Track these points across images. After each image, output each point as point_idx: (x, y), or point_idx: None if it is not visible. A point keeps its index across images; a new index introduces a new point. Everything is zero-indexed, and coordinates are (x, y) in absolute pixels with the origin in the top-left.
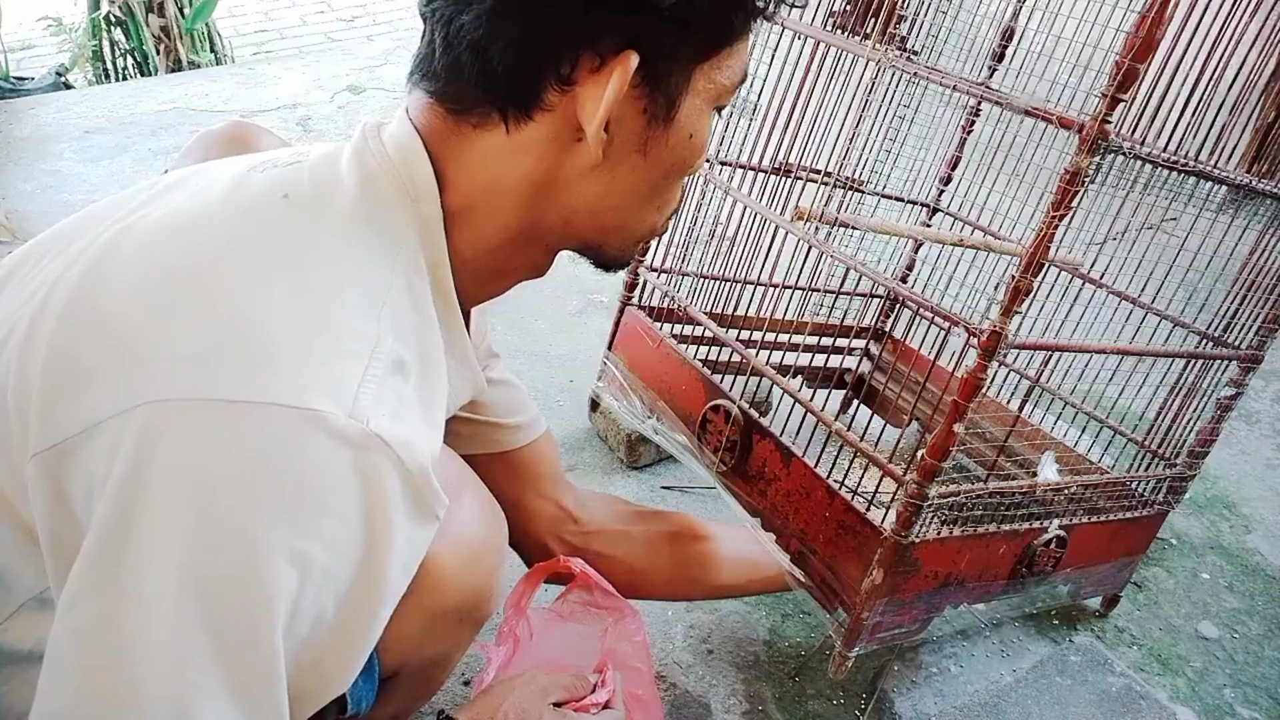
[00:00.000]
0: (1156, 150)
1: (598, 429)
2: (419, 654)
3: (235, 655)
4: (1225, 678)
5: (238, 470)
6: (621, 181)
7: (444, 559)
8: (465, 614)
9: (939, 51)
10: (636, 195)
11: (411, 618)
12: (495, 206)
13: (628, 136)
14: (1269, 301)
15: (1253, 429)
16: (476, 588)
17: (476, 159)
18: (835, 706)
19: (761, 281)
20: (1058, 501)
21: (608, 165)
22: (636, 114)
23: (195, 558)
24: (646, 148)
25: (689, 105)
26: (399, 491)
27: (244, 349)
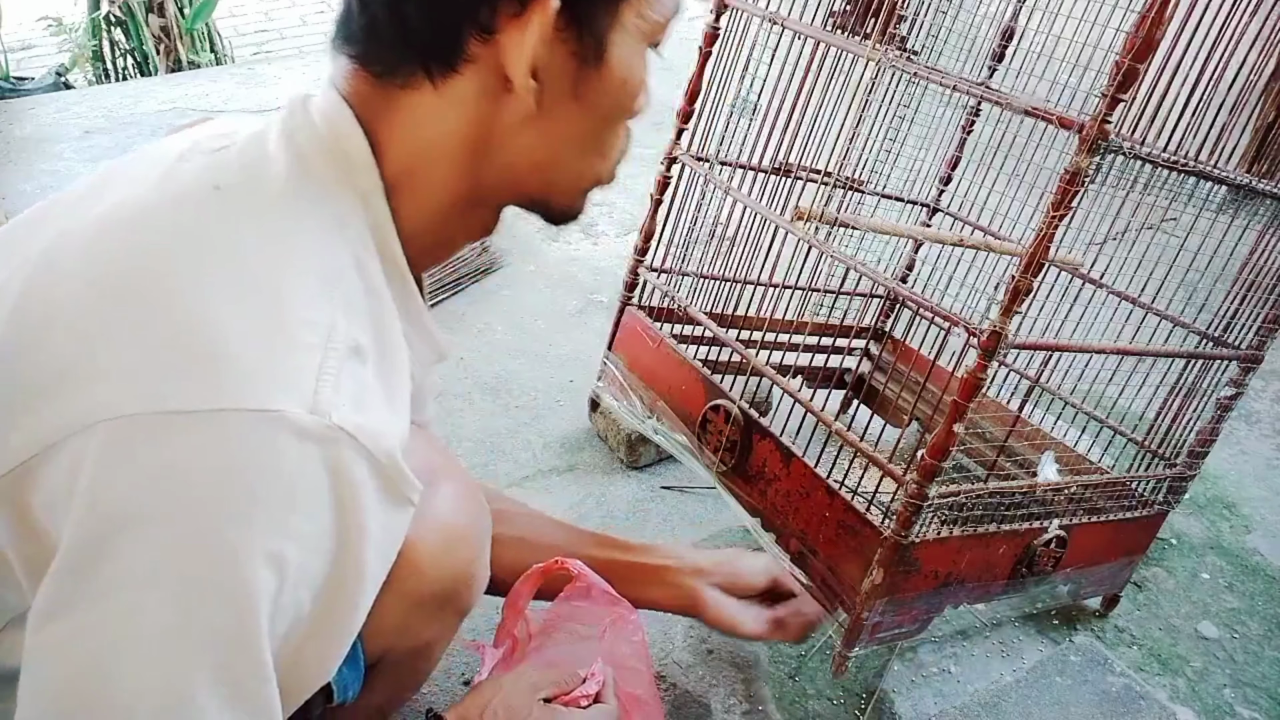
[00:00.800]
0: (1156, 150)
1: (598, 429)
2: (401, 641)
3: (223, 661)
4: (1225, 678)
5: (206, 481)
6: (559, 130)
7: (423, 545)
8: (446, 600)
9: (939, 51)
10: (577, 143)
11: (391, 604)
12: (434, 169)
13: (559, 82)
14: (1269, 301)
15: (1253, 429)
16: (457, 574)
17: (409, 122)
18: (835, 706)
19: (761, 281)
20: (1058, 501)
21: (542, 114)
22: (566, 57)
23: (173, 570)
24: (580, 92)
25: (620, 44)
26: (369, 481)
27: (196, 355)
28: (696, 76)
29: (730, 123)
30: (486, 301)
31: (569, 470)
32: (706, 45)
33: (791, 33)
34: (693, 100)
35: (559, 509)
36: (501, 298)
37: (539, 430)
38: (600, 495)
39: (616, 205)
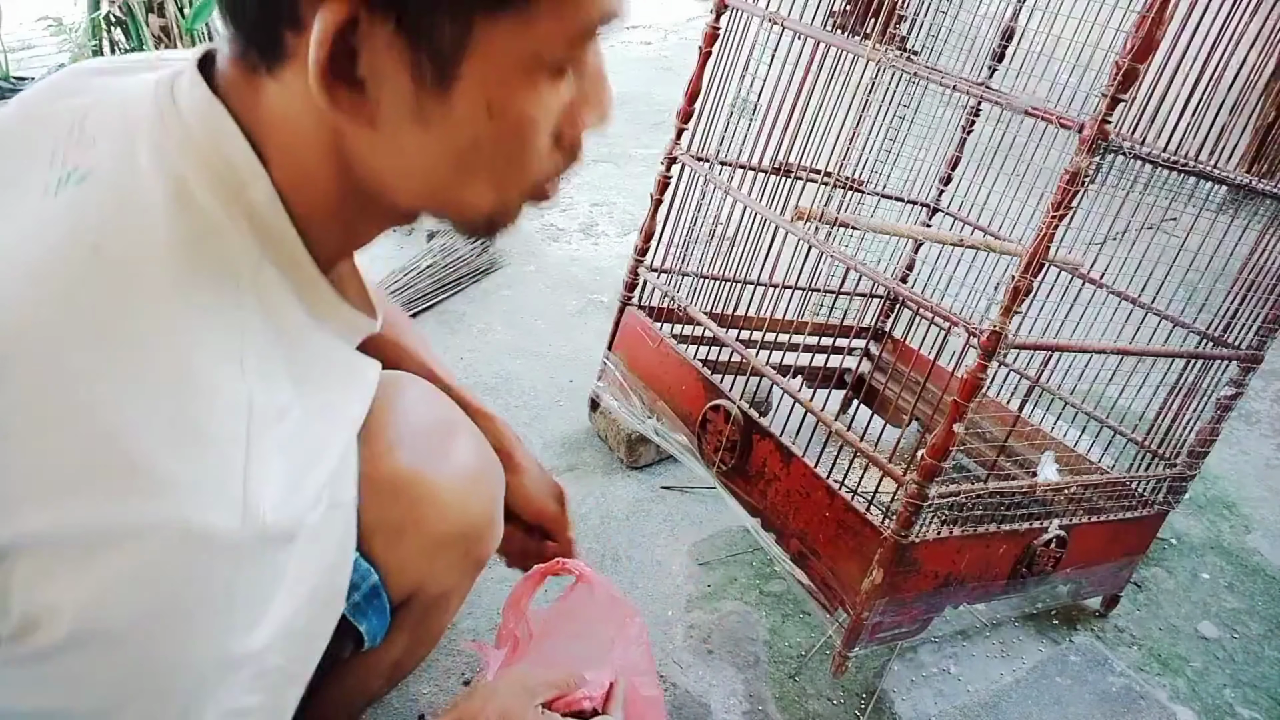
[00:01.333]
0: (1156, 150)
1: (598, 429)
2: (422, 585)
3: None
4: (1225, 678)
5: (142, 611)
6: (410, 152)
7: (443, 484)
8: (465, 544)
9: (939, 51)
10: (439, 169)
11: (413, 542)
12: (310, 167)
13: (394, 100)
14: (1269, 301)
15: (1253, 429)
16: (475, 518)
17: (270, 112)
18: (835, 706)
19: (761, 281)
20: (1058, 501)
21: (384, 132)
22: (399, 72)
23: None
24: (423, 115)
25: (479, 70)
26: (298, 545)
27: (110, 468)
28: (696, 76)
29: (730, 123)
30: (486, 301)
31: (569, 470)
32: (706, 45)
33: (791, 33)
34: (693, 100)
35: None
36: (501, 298)
37: (539, 430)
38: (600, 495)
39: (616, 205)
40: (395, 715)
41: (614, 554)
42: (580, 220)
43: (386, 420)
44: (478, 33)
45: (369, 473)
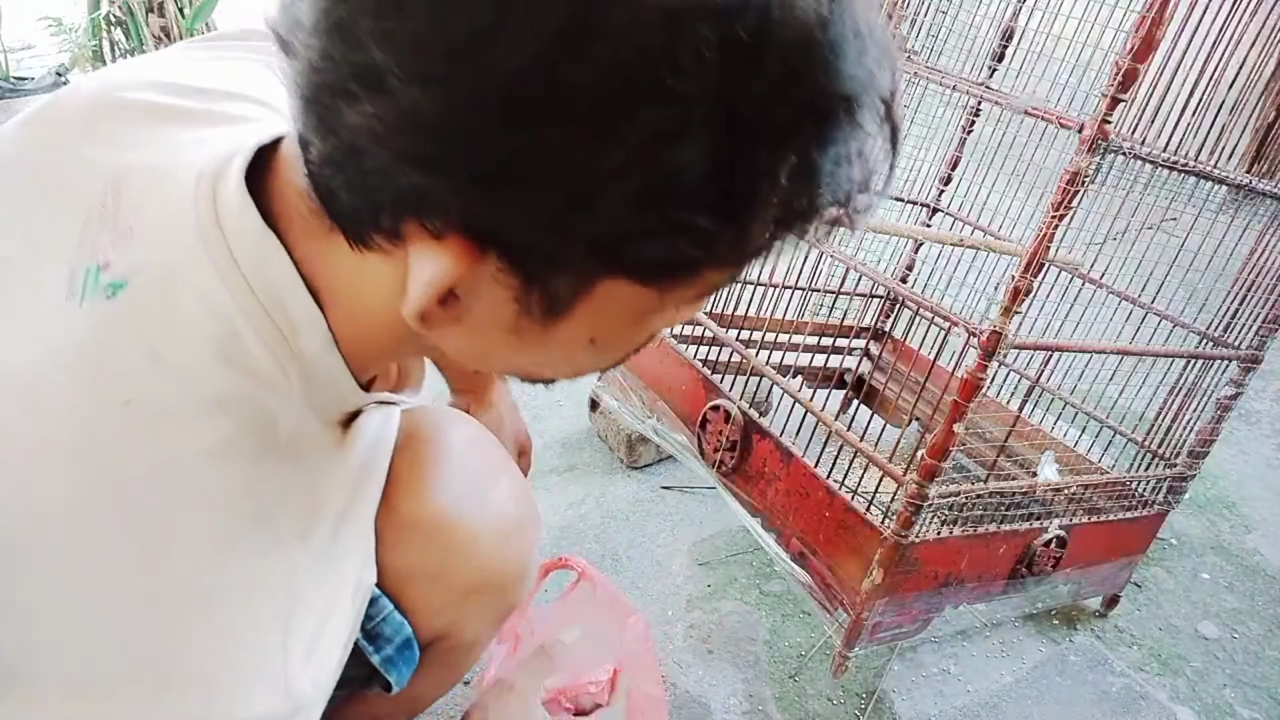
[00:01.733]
0: (1156, 150)
1: (598, 429)
2: (450, 630)
3: None
4: (1225, 678)
5: None
6: (492, 348)
7: (481, 532)
8: (499, 592)
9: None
10: (517, 365)
11: (446, 589)
12: (376, 323)
13: (489, 314)
14: (1269, 301)
15: (1253, 429)
16: (511, 564)
17: (345, 272)
18: (835, 706)
19: (761, 281)
20: (1058, 501)
21: (469, 331)
22: (503, 299)
23: None
24: (518, 333)
25: (591, 311)
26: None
27: (155, 669)
28: None
29: None
30: None
31: (569, 470)
32: None
33: None
34: None
35: (559, 509)
36: None
37: (539, 430)
38: (600, 495)
39: None
40: None
41: (614, 554)
42: None
43: (428, 463)
44: (599, 288)
45: (407, 514)
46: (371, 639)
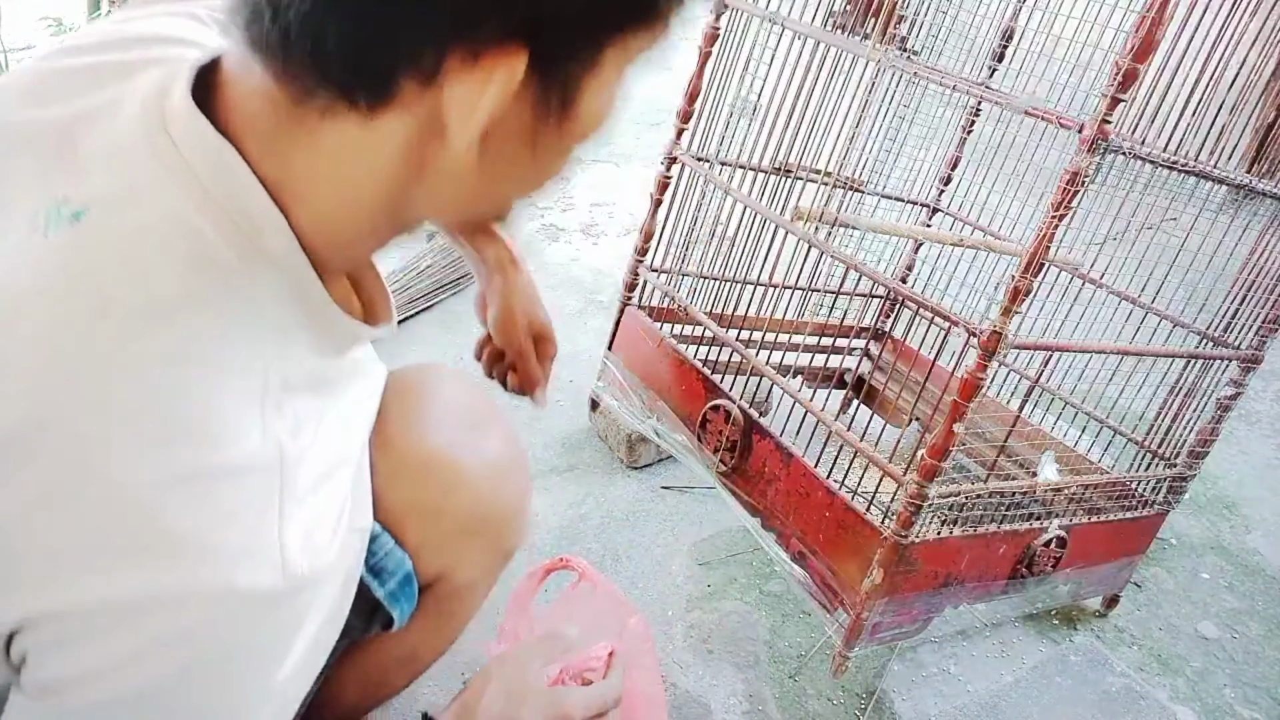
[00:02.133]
0: (1156, 150)
1: (598, 429)
2: (449, 570)
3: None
4: (1225, 678)
5: (183, 666)
6: (500, 173)
7: (477, 470)
8: (496, 531)
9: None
10: (516, 182)
11: (445, 525)
12: (351, 212)
13: (511, 133)
14: (1269, 301)
15: (1253, 429)
16: (507, 503)
17: (328, 157)
18: (835, 706)
19: (761, 281)
20: (1058, 501)
21: (485, 162)
22: (523, 111)
23: None
24: (535, 142)
25: (594, 89)
26: (332, 590)
27: (145, 542)
28: (696, 76)
29: (730, 123)
30: None
31: (569, 470)
32: (706, 45)
33: (791, 33)
34: (693, 100)
35: (559, 509)
36: None
37: (539, 430)
38: (600, 495)
39: (617, 205)
40: (396, 715)
41: (614, 554)
42: (580, 220)
43: (424, 406)
44: (605, 56)
45: (404, 455)
46: (376, 574)
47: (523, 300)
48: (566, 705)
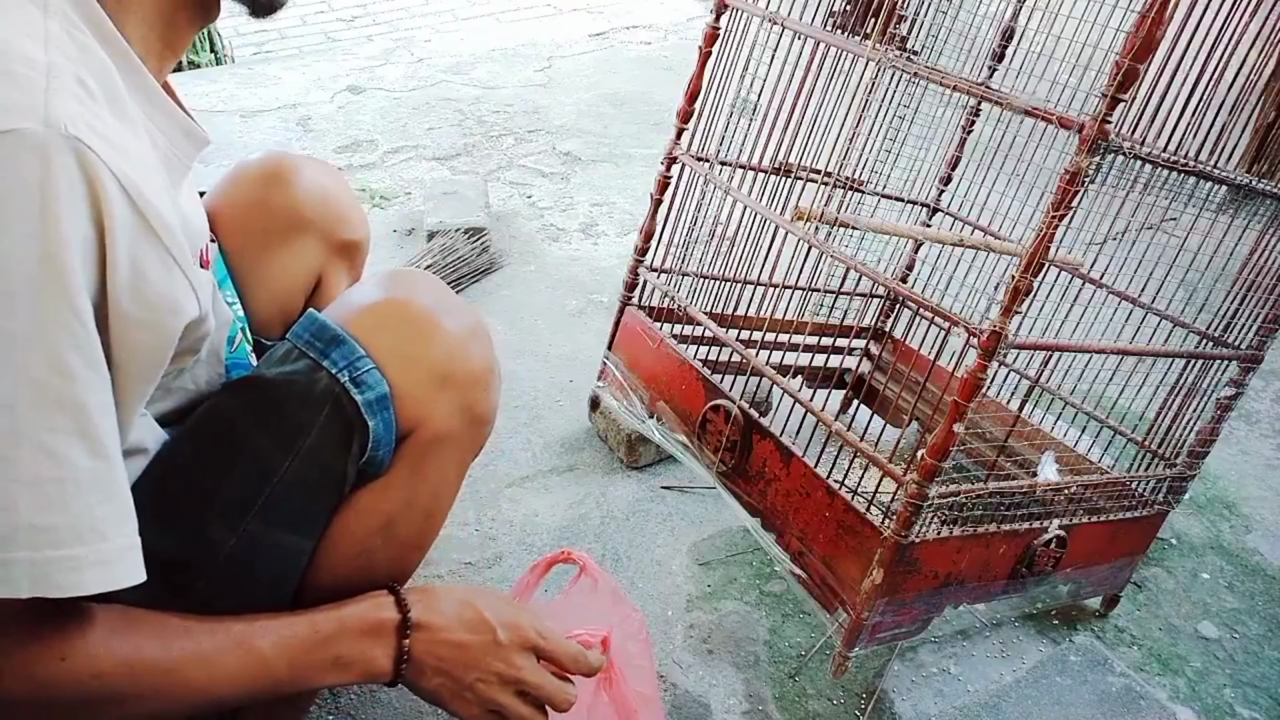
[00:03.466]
0: (1156, 150)
1: (598, 429)
2: (423, 419)
3: (20, 364)
4: (1225, 678)
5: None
6: None
7: (451, 327)
8: (467, 385)
9: (939, 51)
10: None
11: (421, 371)
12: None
13: None
14: (1269, 301)
15: (1253, 429)
16: (477, 360)
17: None
18: (835, 706)
19: (761, 281)
20: (1058, 501)
21: None
22: None
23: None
24: None
25: None
26: (117, 198)
27: None
28: (696, 76)
29: (730, 123)
30: (486, 301)
31: (569, 470)
32: (706, 45)
33: (791, 33)
34: (693, 100)
35: (559, 509)
36: (501, 298)
37: (539, 430)
38: (600, 495)
39: (616, 205)
40: (396, 714)
41: (614, 554)
42: (580, 220)
43: (408, 279)
44: None
45: (389, 309)
46: (357, 385)
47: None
48: (522, 615)
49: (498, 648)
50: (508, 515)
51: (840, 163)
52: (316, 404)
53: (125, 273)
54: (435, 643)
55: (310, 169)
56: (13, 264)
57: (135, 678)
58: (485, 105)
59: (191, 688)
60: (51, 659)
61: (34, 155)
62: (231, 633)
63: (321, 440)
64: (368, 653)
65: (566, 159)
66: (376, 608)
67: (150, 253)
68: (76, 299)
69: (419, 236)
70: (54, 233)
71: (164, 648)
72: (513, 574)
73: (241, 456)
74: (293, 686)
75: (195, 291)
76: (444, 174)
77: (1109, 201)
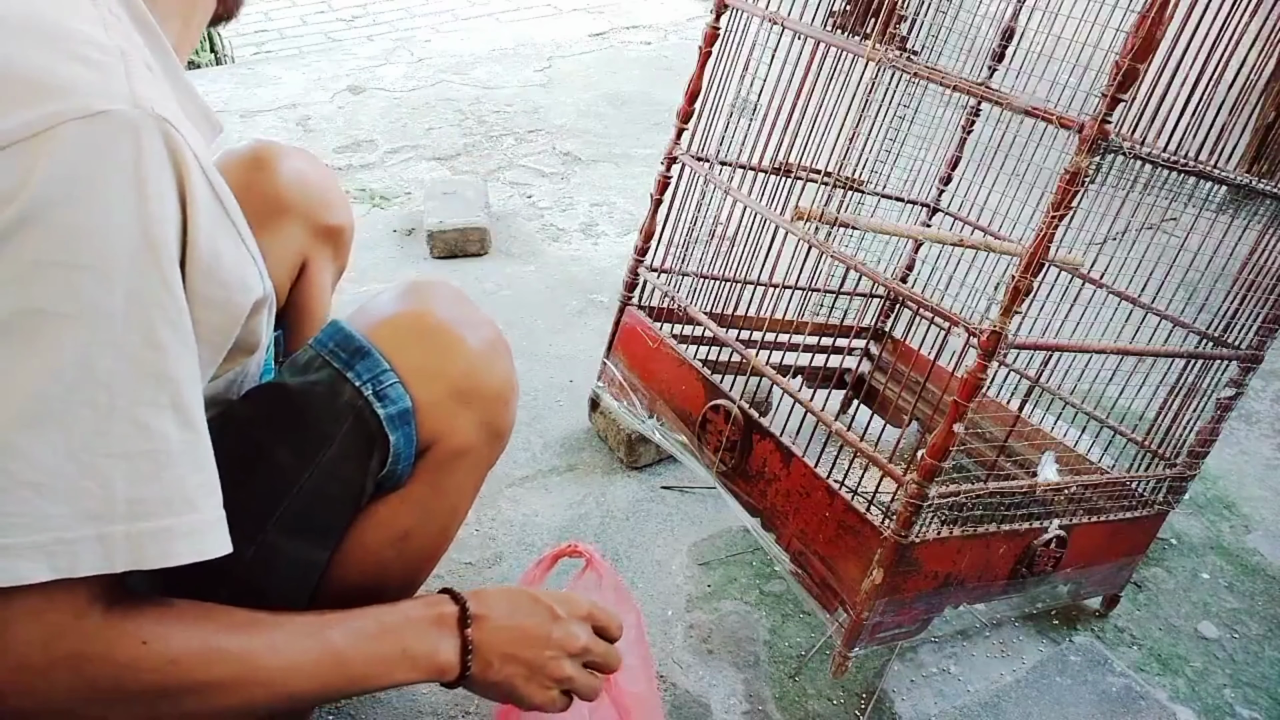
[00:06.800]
0: (1156, 150)
1: (598, 429)
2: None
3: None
4: (1225, 678)
5: (64, 184)
6: None
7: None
8: (487, 401)
9: (939, 51)
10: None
11: (442, 385)
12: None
13: None
14: (1269, 301)
15: (1253, 429)
16: (499, 376)
17: None
18: (835, 706)
19: (761, 281)
20: (1058, 501)
21: None
22: None
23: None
24: None
25: None
26: (196, 171)
27: (11, 87)
28: (696, 76)
29: (730, 123)
30: (486, 301)
31: (569, 470)
32: (706, 45)
33: (791, 33)
34: (693, 100)
35: (559, 509)
36: (501, 298)
37: (539, 430)
38: (600, 495)
39: (616, 205)
40: (396, 715)
41: (614, 554)
42: (580, 220)
43: (431, 293)
44: None
45: (412, 324)
46: (380, 399)
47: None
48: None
49: (558, 622)
50: (508, 515)
51: (840, 163)
52: (339, 416)
53: (204, 250)
54: (497, 629)
55: (292, 156)
56: (114, 243)
57: (210, 666)
58: (485, 105)
59: (265, 679)
60: (133, 642)
61: (128, 136)
62: (301, 624)
63: (342, 452)
64: (434, 644)
65: (566, 159)
66: (436, 603)
67: (224, 231)
68: (169, 273)
69: (419, 236)
70: (151, 210)
71: (236, 637)
72: (513, 574)
73: (262, 465)
74: (363, 682)
75: (259, 269)
76: (444, 174)
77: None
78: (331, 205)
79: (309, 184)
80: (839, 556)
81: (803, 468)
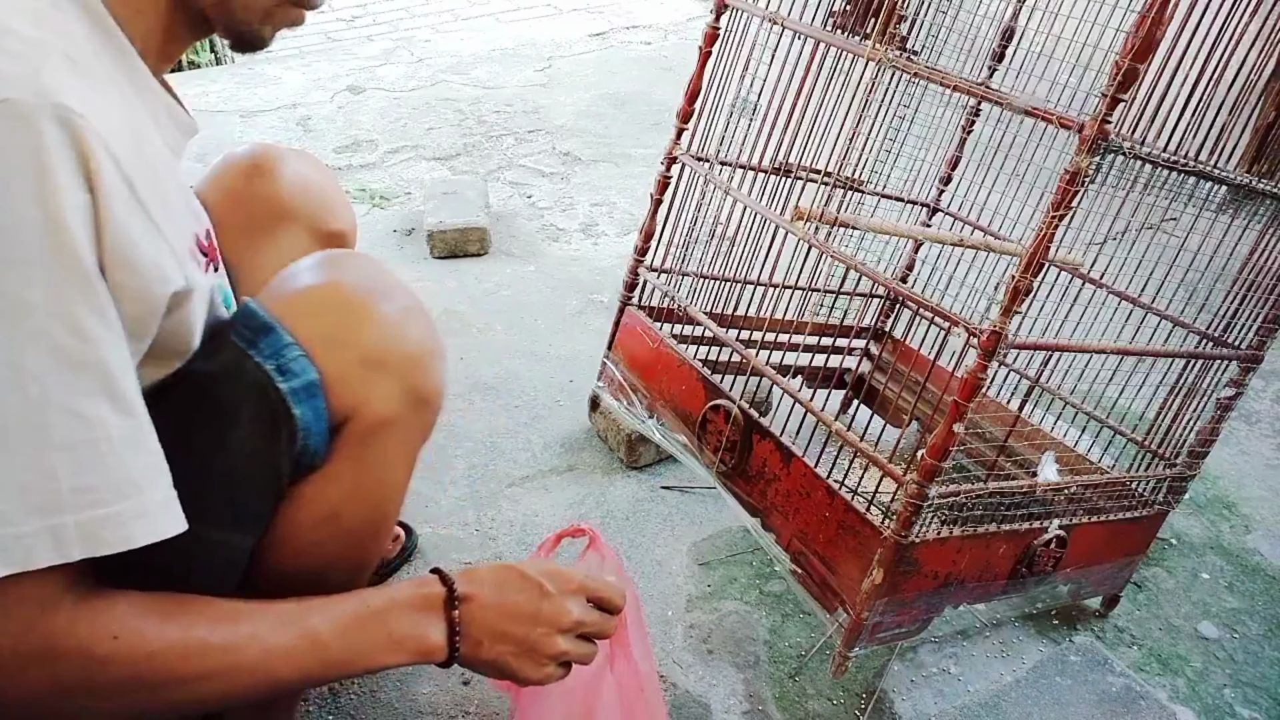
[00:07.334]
0: (1156, 150)
1: (598, 429)
2: (359, 405)
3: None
4: (1225, 678)
5: None
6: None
7: (383, 309)
8: (405, 367)
9: (939, 51)
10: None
11: (350, 354)
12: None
13: None
14: (1269, 301)
15: (1253, 429)
16: (415, 339)
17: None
18: (835, 706)
19: (761, 281)
20: (1058, 501)
21: None
22: None
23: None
24: None
25: None
26: (108, 165)
27: None
28: (696, 76)
29: (730, 123)
30: (486, 301)
31: (569, 470)
32: (706, 45)
33: (791, 33)
34: (693, 100)
35: (559, 509)
36: (501, 298)
37: (539, 430)
38: (600, 495)
39: (617, 205)
40: (396, 714)
41: None
42: (580, 220)
43: (341, 261)
44: None
45: (318, 291)
46: (283, 373)
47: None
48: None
49: (547, 599)
50: (507, 515)
51: (840, 163)
52: (243, 395)
53: (118, 239)
54: (485, 608)
55: (294, 161)
56: (21, 232)
57: (189, 659)
58: (485, 105)
59: (248, 668)
60: (105, 636)
61: (25, 124)
62: (282, 611)
63: (249, 432)
64: (420, 627)
65: (566, 159)
66: (422, 584)
67: (139, 220)
68: (86, 261)
69: (419, 237)
70: (56, 199)
71: (216, 629)
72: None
73: (174, 452)
74: (347, 667)
75: (179, 261)
76: (444, 174)
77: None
78: (334, 210)
79: (311, 189)
80: (839, 556)
81: (803, 468)
